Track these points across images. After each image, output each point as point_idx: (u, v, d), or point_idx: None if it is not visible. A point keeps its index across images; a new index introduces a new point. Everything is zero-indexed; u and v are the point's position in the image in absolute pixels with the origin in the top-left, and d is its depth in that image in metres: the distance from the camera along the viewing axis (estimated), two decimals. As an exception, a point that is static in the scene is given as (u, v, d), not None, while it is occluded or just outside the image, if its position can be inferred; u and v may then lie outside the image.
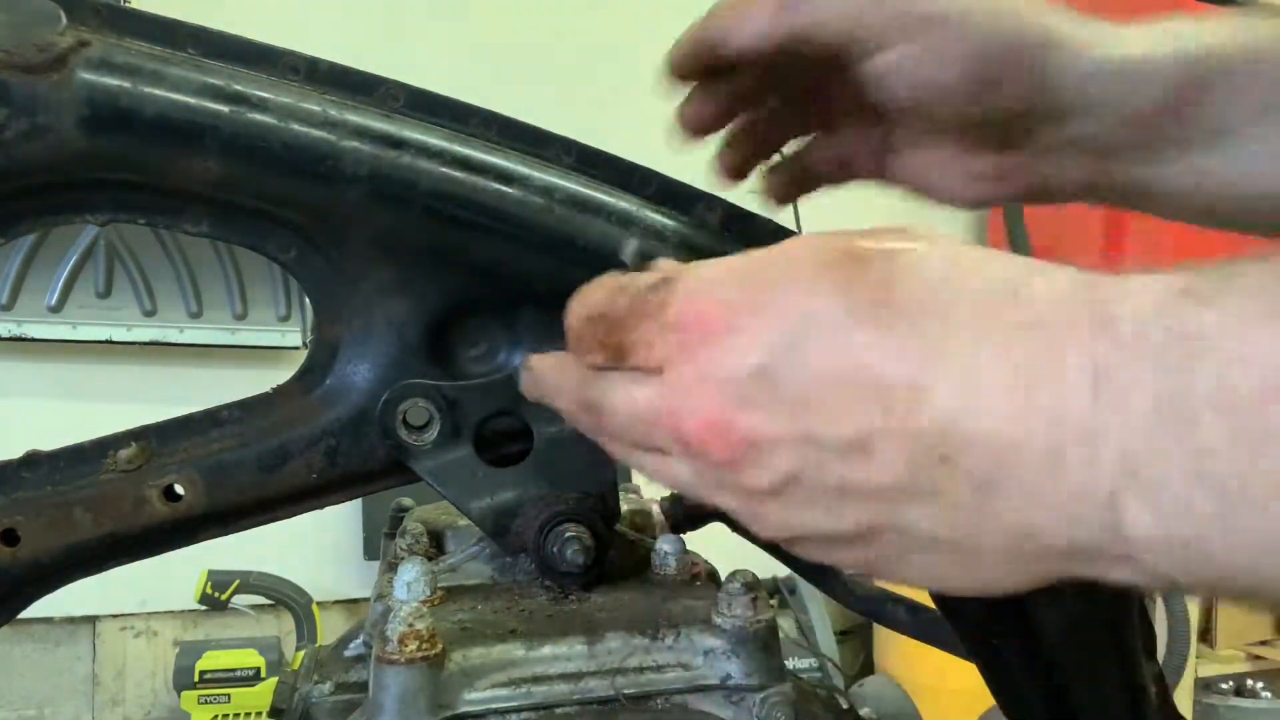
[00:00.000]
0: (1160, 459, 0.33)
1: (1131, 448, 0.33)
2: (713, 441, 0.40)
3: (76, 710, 2.84)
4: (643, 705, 0.52)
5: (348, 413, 0.56)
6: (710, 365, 0.40)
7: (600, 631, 0.53)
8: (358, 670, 0.62)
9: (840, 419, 0.38)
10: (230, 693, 2.51)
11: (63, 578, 0.55)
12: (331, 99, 0.52)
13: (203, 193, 0.52)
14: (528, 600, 0.58)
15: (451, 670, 0.50)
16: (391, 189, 0.52)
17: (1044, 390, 0.35)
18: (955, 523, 0.38)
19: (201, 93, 0.50)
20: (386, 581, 0.60)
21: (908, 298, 0.38)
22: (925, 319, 0.37)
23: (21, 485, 0.54)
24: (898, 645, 3.00)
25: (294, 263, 0.56)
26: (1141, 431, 0.33)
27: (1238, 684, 3.20)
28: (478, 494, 0.57)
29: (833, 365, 0.38)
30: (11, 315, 2.58)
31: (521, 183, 0.53)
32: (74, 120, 0.48)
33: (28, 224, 0.53)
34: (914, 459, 0.37)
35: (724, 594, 0.53)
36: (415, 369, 0.57)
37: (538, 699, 0.51)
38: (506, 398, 0.57)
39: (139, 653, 2.88)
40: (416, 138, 0.52)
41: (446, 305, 0.56)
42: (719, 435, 0.40)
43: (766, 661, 0.52)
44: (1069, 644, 0.65)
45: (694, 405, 0.41)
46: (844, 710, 0.63)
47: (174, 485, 0.55)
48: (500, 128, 0.54)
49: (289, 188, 0.52)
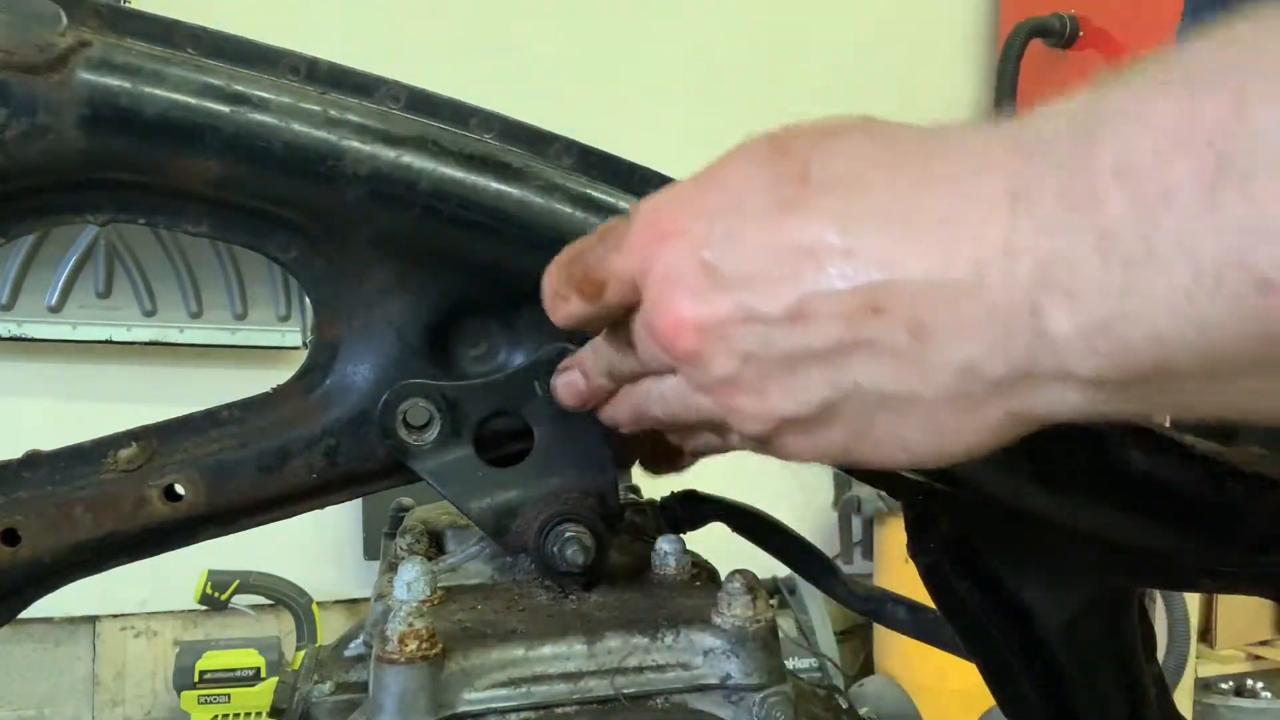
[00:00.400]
0: (1070, 249, 0.34)
1: (1045, 252, 0.35)
2: (678, 337, 0.44)
3: (76, 710, 2.84)
4: (642, 705, 0.52)
5: (348, 413, 0.56)
6: (667, 269, 0.44)
7: (600, 631, 0.53)
8: (358, 670, 0.62)
9: (776, 292, 0.41)
10: (230, 693, 2.51)
11: (63, 578, 0.55)
12: (332, 99, 0.52)
13: (203, 193, 0.52)
14: (528, 600, 0.58)
15: (451, 670, 0.50)
16: (392, 189, 0.52)
17: (962, 225, 0.37)
18: (900, 374, 0.40)
19: (202, 93, 0.50)
20: (386, 581, 0.60)
21: (827, 175, 0.41)
22: (845, 189, 0.40)
23: (22, 485, 0.54)
24: (898, 645, 3.00)
25: (294, 263, 0.56)
26: (1051, 230, 0.35)
27: (1238, 684, 3.20)
28: (478, 494, 0.57)
29: (764, 245, 0.41)
30: (11, 315, 2.58)
31: (522, 183, 0.53)
32: (74, 120, 0.48)
33: (28, 224, 0.53)
34: (848, 315, 0.40)
35: (724, 594, 0.53)
36: (415, 369, 0.57)
37: (538, 699, 0.51)
38: (507, 397, 0.57)
39: (139, 653, 2.88)
40: (417, 138, 0.52)
41: (447, 305, 0.57)
42: (681, 330, 0.44)
43: (766, 661, 0.52)
44: (1069, 644, 0.65)
45: (661, 309, 0.44)
46: (844, 710, 0.63)
47: (174, 485, 0.55)
48: (500, 128, 0.54)
49: (289, 188, 0.52)
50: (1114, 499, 0.60)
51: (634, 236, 0.46)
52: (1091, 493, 0.60)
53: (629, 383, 0.52)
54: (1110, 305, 0.34)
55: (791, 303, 0.41)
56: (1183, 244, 0.32)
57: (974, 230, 0.37)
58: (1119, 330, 0.34)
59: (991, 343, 0.37)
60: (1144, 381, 0.36)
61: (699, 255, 0.43)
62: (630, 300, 0.47)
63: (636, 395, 0.51)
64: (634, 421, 0.53)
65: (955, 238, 0.38)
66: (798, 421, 0.43)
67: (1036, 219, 0.35)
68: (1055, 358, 0.36)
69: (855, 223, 0.40)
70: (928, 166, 0.39)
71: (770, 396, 0.43)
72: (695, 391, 0.46)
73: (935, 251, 0.38)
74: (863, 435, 0.43)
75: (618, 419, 0.54)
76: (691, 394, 0.47)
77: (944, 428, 0.41)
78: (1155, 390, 0.36)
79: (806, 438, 0.44)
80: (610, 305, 0.48)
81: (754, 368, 0.43)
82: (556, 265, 0.50)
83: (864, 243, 0.39)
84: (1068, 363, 0.36)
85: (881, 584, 2.27)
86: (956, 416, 0.40)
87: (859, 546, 3.31)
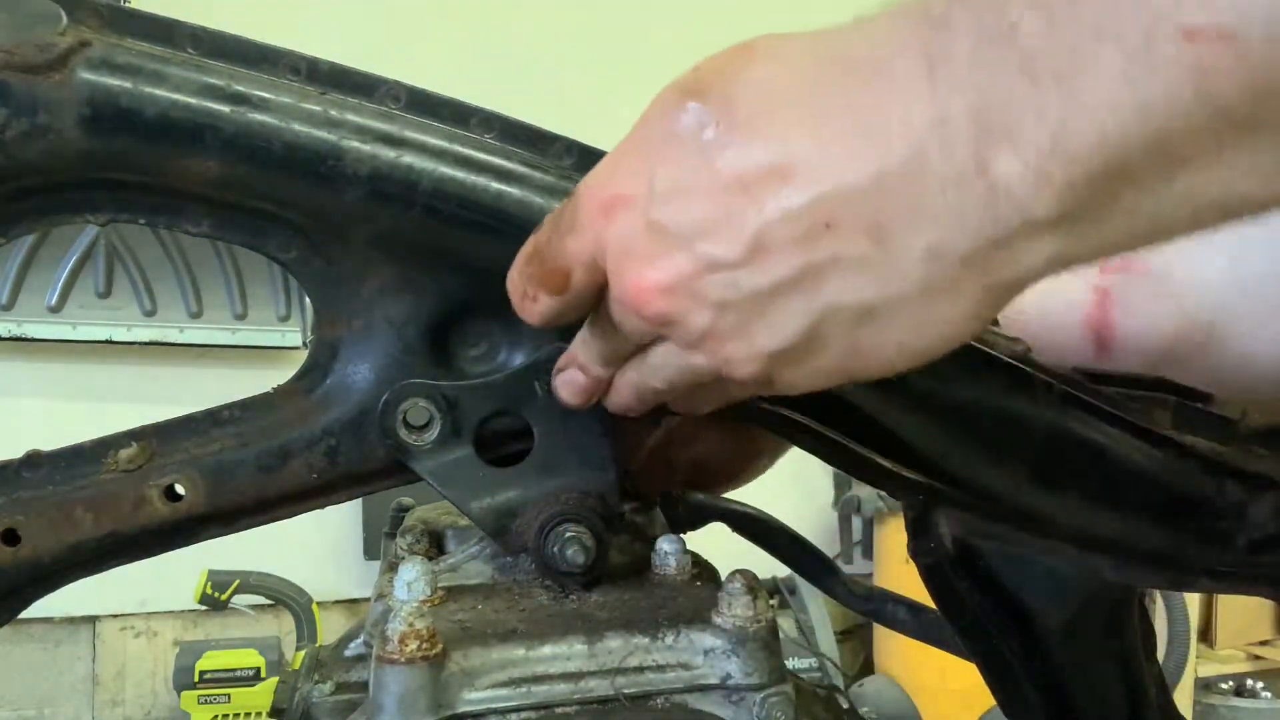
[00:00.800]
0: (997, 85, 0.35)
1: (974, 100, 0.35)
2: (648, 303, 0.44)
3: (76, 710, 2.84)
4: (643, 705, 0.52)
5: (348, 413, 0.56)
6: (619, 240, 0.44)
7: (601, 631, 0.53)
8: (358, 670, 0.62)
9: (729, 234, 0.41)
10: (230, 693, 2.52)
11: (63, 577, 0.55)
12: (332, 99, 0.52)
13: (203, 193, 0.52)
14: (528, 600, 0.58)
15: (452, 670, 0.50)
16: (392, 189, 0.52)
17: (889, 112, 0.37)
18: (871, 281, 0.40)
19: (202, 93, 0.50)
20: (387, 581, 0.60)
21: (747, 104, 0.41)
22: (767, 114, 0.40)
23: (22, 485, 0.54)
24: (898, 645, 3.00)
25: (294, 263, 0.56)
26: (975, 74, 0.35)
27: (1237, 684, 3.20)
28: (478, 494, 0.57)
29: (705, 192, 0.41)
30: (11, 315, 2.59)
31: (522, 183, 0.53)
32: (75, 120, 0.48)
33: (28, 224, 0.53)
34: (804, 238, 0.40)
35: (724, 594, 0.53)
36: (416, 369, 0.57)
37: (538, 699, 0.51)
38: (507, 397, 0.57)
39: (139, 653, 2.88)
40: (417, 138, 0.52)
41: (447, 305, 0.57)
42: (648, 296, 0.43)
43: (767, 661, 0.52)
44: (1069, 644, 0.65)
45: (625, 280, 0.44)
46: (845, 710, 0.63)
47: (175, 485, 0.55)
48: (501, 128, 0.54)
49: (290, 187, 0.52)
50: (1113, 499, 0.60)
51: (581, 215, 0.46)
52: (1091, 492, 0.60)
53: (624, 363, 0.52)
54: (1051, 124, 0.34)
55: (746, 241, 0.41)
56: (1104, 30, 0.32)
57: (902, 113, 0.37)
58: (1066, 146, 0.34)
59: (949, 219, 0.38)
60: (1103, 201, 0.36)
61: (646, 217, 0.43)
62: (598, 281, 0.47)
63: (633, 374, 0.51)
64: (639, 401, 0.52)
65: (885, 128, 0.38)
66: (787, 353, 0.43)
67: (957, 73, 0.36)
68: (1013, 207, 0.36)
69: (785, 144, 0.40)
70: (843, 68, 0.39)
71: (755, 337, 0.43)
72: (685, 351, 0.46)
73: (869, 148, 0.38)
74: (853, 351, 0.43)
75: (624, 404, 0.53)
76: (682, 355, 0.47)
77: (928, 320, 0.41)
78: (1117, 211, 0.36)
79: (801, 367, 0.44)
80: (579, 293, 0.48)
81: (730, 314, 0.43)
82: (516, 268, 0.50)
83: (799, 161, 0.39)
84: (1027, 207, 0.36)
85: (881, 584, 2.27)
86: (937, 306, 0.40)
87: (859, 546, 3.31)
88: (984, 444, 0.58)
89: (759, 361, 0.44)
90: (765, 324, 0.43)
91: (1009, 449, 0.58)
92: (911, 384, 0.57)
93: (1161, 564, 0.63)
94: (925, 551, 0.61)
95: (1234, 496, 0.61)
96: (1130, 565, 0.63)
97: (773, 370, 0.44)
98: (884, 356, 0.43)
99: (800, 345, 0.43)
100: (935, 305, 0.40)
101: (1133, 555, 0.62)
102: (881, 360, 0.43)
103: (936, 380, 0.57)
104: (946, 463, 0.59)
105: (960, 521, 0.61)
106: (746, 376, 0.45)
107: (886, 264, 0.39)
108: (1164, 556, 0.62)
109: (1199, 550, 0.62)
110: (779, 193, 0.40)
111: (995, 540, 0.62)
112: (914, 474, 0.59)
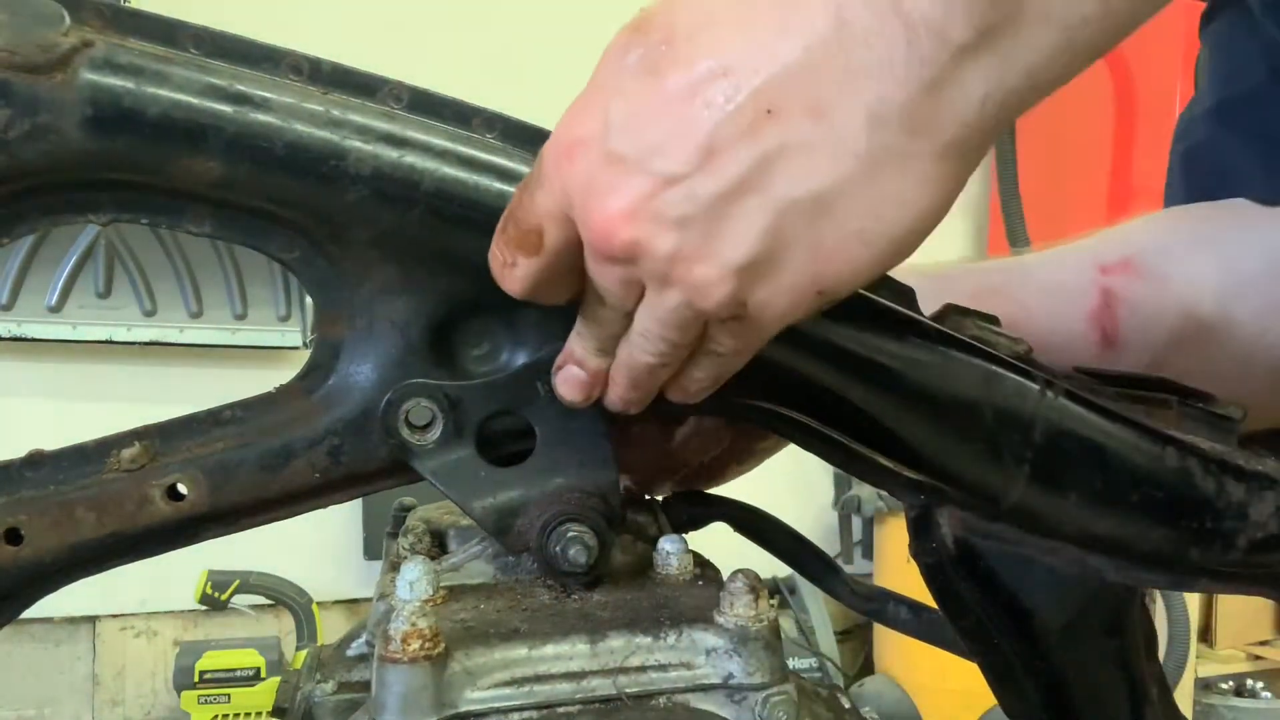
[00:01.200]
0: None
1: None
2: (614, 233, 0.44)
3: (76, 710, 2.84)
4: (645, 704, 0.52)
5: (351, 413, 0.56)
6: (581, 179, 0.44)
7: (603, 631, 0.53)
8: (360, 670, 0.62)
9: (680, 145, 0.42)
10: (230, 693, 2.52)
11: (65, 577, 0.55)
12: (334, 99, 0.52)
13: (205, 193, 0.52)
14: (530, 599, 0.58)
15: (454, 669, 0.50)
16: (394, 189, 0.52)
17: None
18: (820, 164, 0.41)
19: (204, 93, 0.50)
20: (389, 580, 0.60)
21: (686, 25, 0.42)
22: (707, 28, 0.42)
23: (24, 485, 0.54)
24: (898, 645, 3.00)
25: (296, 263, 0.56)
26: None
27: (1238, 684, 3.20)
28: (480, 493, 0.57)
29: (653, 111, 0.42)
30: (11, 315, 2.59)
31: (524, 183, 0.53)
32: (77, 120, 0.48)
33: (29, 224, 0.53)
34: (749, 130, 0.41)
35: (726, 593, 0.53)
36: (418, 369, 0.57)
37: (540, 698, 0.51)
38: (509, 397, 0.57)
39: (139, 653, 2.88)
40: (419, 138, 0.52)
41: (449, 305, 0.57)
42: (613, 225, 0.44)
43: (769, 661, 0.53)
44: (1069, 644, 0.65)
45: (592, 217, 0.45)
46: (847, 710, 0.63)
47: (177, 485, 0.55)
48: (503, 128, 0.54)
49: (292, 188, 0.52)
50: (1113, 499, 0.60)
51: (545, 168, 0.46)
52: (1091, 492, 0.60)
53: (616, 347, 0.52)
54: None
55: (697, 147, 0.42)
56: None
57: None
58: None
59: (879, 73, 0.39)
60: (1024, 9, 0.37)
61: (604, 151, 0.43)
62: (571, 235, 0.47)
63: (624, 354, 0.51)
64: (636, 385, 0.52)
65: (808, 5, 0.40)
66: (755, 266, 0.44)
67: None
68: (931, 37, 0.38)
69: (719, 44, 0.41)
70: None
71: (720, 250, 0.43)
72: (660, 294, 0.46)
73: (796, 29, 0.40)
74: (818, 251, 0.43)
75: (622, 395, 0.53)
76: (658, 304, 0.47)
77: (884, 199, 0.42)
78: (1033, 18, 0.38)
79: (771, 282, 0.44)
80: (555, 250, 0.48)
81: (693, 229, 0.43)
82: (494, 239, 0.50)
83: (732, 56, 0.41)
84: (944, 31, 0.38)
85: (881, 584, 2.27)
86: (889, 180, 0.41)
87: (859, 546, 3.31)
88: (985, 443, 0.58)
89: (729, 280, 0.44)
90: (727, 234, 0.43)
91: (1010, 448, 0.58)
92: (912, 381, 0.57)
93: (1161, 564, 0.63)
94: (926, 551, 0.61)
95: (1234, 496, 0.62)
96: (1130, 565, 0.63)
97: (745, 291, 0.45)
98: (851, 253, 0.43)
99: (764, 253, 0.43)
100: (889, 180, 0.41)
101: (1133, 555, 0.62)
102: (850, 259, 0.43)
103: (936, 378, 0.57)
104: (946, 462, 0.59)
105: (961, 521, 0.61)
106: (721, 300, 0.45)
107: (832, 142, 0.40)
108: (1164, 556, 0.62)
109: (1199, 550, 0.62)
110: (720, 91, 0.41)
111: (996, 540, 0.62)
112: (914, 473, 0.59)
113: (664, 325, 0.48)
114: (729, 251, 0.43)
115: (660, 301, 0.47)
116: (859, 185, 0.41)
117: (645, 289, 0.47)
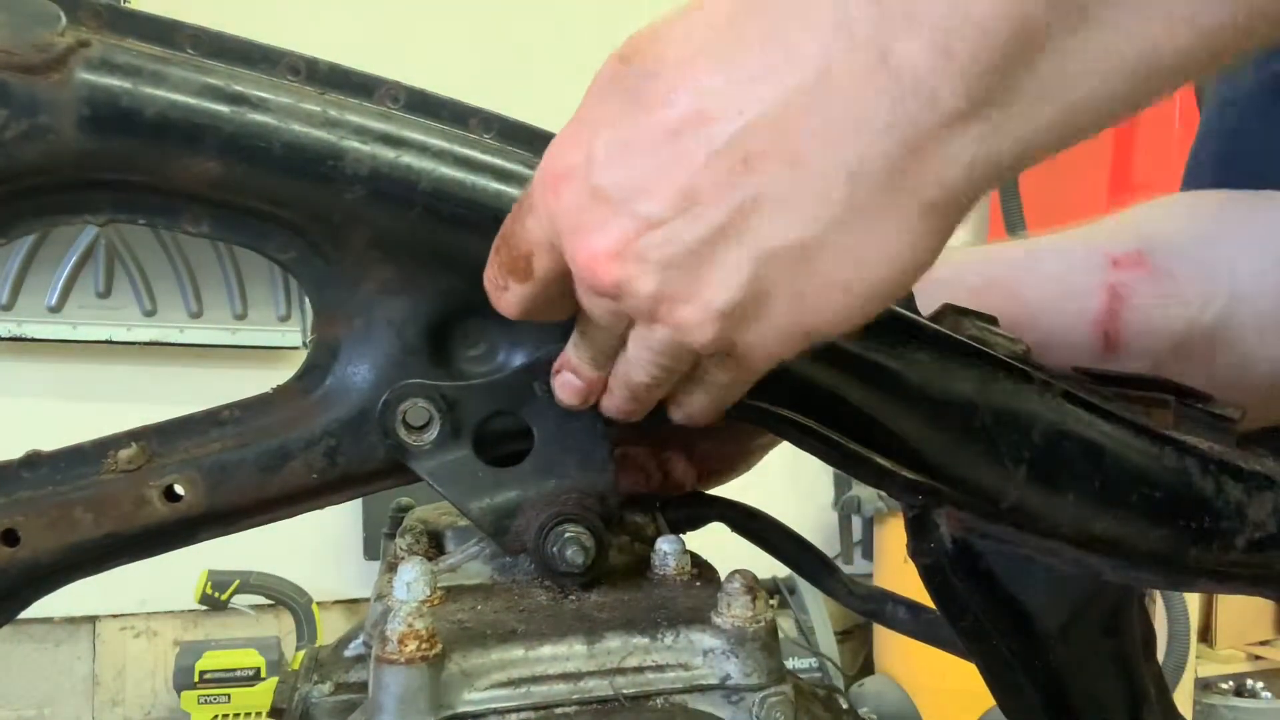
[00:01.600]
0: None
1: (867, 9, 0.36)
2: (599, 273, 0.43)
3: (76, 710, 2.84)
4: (642, 705, 0.52)
5: (348, 413, 0.56)
6: (568, 214, 0.44)
7: (600, 631, 0.53)
8: (358, 670, 0.62)
9: (660, 188, 0.41)
10: (230, 693, 2.52)
11: (63, 578, 0.55)
12: (332, 99, 0.52)
13: (203, 193, 0.52)
14: (527, 600, 0.58)
15: (451, 670, 0.50)
16: (392, 189, 0.52)
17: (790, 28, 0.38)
18: (799, 215, 0.40)
19: (202, 93, 0.50)
20: (386, 581, 0.60)
21: (670, 59, 0.41)
22: (690, 61, 0.40)
23: (22, 485, 0.54)
24: (898, 645, 3.00)
25: (294, 263, 0.56)
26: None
27: (1237, 684, 3.20)
28: (477, 494, 0.57)
29: (636, 149, 0.41)
30: (11, 315, 2.59)
31: (521, 183, 0.53)
32: (74, 121, 0.48)
33: (27, 224, 0.53)
34: (727, 179, 0.40)
35: (724, 594, 0.53)
36: (415, 369, 0.57)
37: (537, 699, 0.51)
38: (506, 398, 0.57)
39: (139, 653, 2.88)
40: (417, 138, 0.52)
41: (446, 305, 0.57)
42: (599, 264, 0.43)
43: (766, 661, 0.52)
44: (1069, 644, 0.65)
45: (579, 254, 0.44)
46: (844, 710, 0.63)
47: (174, 485, 0.55)
48: (500, 128, 0.54)
49: (289, 188, 0.52)
50: (1113, 499, 0.60)
51: (534, 195, 0.46)
52: (1091, 492, 0.60)
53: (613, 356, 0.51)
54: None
55: (678, 191, 0.41)
56: None
57: (803, 27, 0.37)
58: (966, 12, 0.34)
59: (861, 127, 0.37)
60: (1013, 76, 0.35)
61: (589, 185, 0.43)
62: (559, 264, 0.46)
63: (620, 370, 0.51)
64: (632, 398, 0.52)
65: (792, 46, 0.38)
66: (739, 310, 0.43)
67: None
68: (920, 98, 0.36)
69: (698, 85, 0.40)
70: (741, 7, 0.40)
71: (703, 294, 0.43)
72: (648, 328, 0.46)
73: (777, 71, 0.38)
74: (801, 300, 0.42)
75: (619, 405, 0.54)
76: (647, 334, 0.46)
77: (866, 251, 0.40)
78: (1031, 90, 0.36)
79: (757, 325, 0.44)
80: (544, 278, 0.47)
81: (675, 273, 0.42)
82: (489, 259, 0.50)
83: (714, 98, 0.39)
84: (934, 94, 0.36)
85: (881, 584, 2.27)
86: (871, 233, 0.40)
87: (859, 546, 3.31)
88: (983, 443, 0.58)
89: (713, 324, 0.43)
90: (710, 279, 0.42)
91: (1009, 449, 0.58)
92: (910, 382, 0.57)
93: (1160, 564, 0.63)
94: (925, 552, 0.61)
95: (1232, 496, 0.62)
96: (1129, 565, 0.63)
97: (731, 332, 0.44)
98: (834, 302, 0.42)
99: (748, 299, 0.42)
100: (869, 233, 0.40)
101: (1132, 555, 0.62)
102: (834, 307, 0.42)
103: (936, 378, 0.57)
104: (946, 462, 0.59)
105: (960, 521, 0.61)
106: (706, 341, 0.44)
107: (810, 193, 0.39)
108: (1162, 556, 0.62)
109: (1198, 550, 0.62)
110: (698, 134, 0.40)
111: (995, 540, 0.62)
112: (913, 474, 0.59)
113: (655, 354, 0.48)
114: (711, 296, 0.43)
115: (649, 334, 0.47)
116: (839, 237, 0.40)
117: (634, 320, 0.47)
